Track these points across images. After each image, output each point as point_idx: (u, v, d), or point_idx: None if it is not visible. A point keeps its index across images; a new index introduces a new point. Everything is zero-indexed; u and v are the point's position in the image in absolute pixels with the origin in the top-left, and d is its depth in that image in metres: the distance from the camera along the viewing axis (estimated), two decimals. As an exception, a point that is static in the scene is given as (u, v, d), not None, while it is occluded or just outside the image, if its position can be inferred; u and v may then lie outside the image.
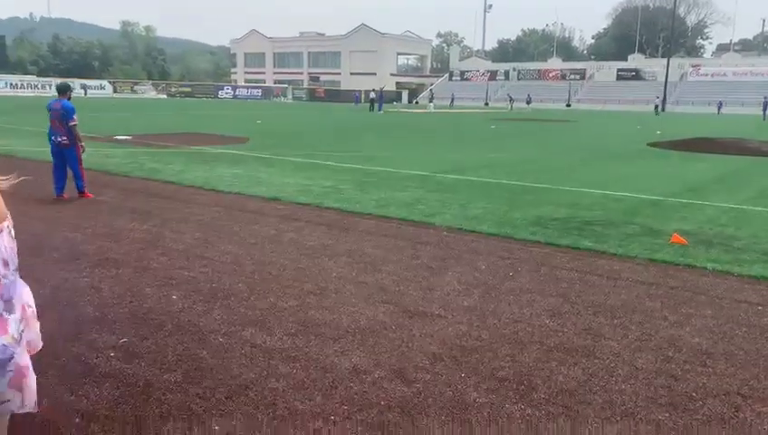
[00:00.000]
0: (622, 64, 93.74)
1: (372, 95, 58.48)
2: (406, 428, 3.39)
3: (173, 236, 7.49)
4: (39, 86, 68.10)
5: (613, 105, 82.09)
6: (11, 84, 65.64)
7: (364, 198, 10.27)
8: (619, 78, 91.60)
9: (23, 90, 65.51)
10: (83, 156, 10.06)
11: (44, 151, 15.32)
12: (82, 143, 9.94)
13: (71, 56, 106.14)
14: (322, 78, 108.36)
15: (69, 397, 3.58)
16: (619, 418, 3.58)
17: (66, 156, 9.78)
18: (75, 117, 9.68)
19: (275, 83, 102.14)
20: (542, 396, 3.80)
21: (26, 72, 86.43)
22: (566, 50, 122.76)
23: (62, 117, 9.60)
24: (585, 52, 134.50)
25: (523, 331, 4.82)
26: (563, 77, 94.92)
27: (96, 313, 4.95)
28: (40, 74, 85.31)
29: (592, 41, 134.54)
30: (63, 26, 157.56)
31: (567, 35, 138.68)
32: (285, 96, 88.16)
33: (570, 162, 17.31)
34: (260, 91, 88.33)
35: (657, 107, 59.16)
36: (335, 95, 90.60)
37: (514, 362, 4.25)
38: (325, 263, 6.51)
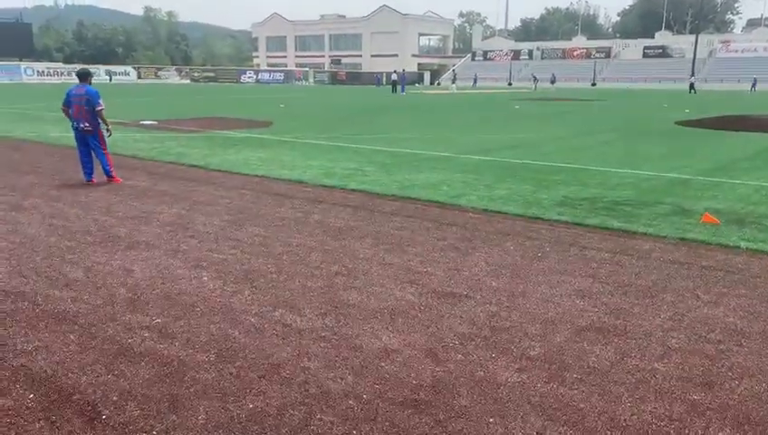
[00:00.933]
0: (649, 42, 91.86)
1: (394, 77, 58.17)
2: (438, 407, 3.40)
3: (202, 219, 7.57)
4: (65, 73, 68.82)
5: (640, 83, 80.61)
6: (38, 72, 66.47)
7: (388, 180, 10.25)
8: (645, 56, 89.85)
9: (49, 77, 66.31)
10: (109, 140, 10.14)
11: (71, 137, 15.57)
12: (109, 127, 10.01)
13: (95, 43, 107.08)
14: (344, 60, 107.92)
15: (106, 376, 3.65)
16: (653, 397, 3.55)
17: (90, 142, 9.83)
18: (101, 101, 9.67)
19: (297, 67, 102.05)
20: (575, 376, 3.78)
21: (52, 60, 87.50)
22: (591, 28, 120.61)
23: (87, 102, 9.58)
24: (610, 29, 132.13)
25: (553, 311, 4.79)
26: (588, 56, 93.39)
27: (129, 294, 5.03)
28: (65, 61, 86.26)
29: (618, 18, 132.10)
30: (88, 13, 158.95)
31: (591, 13, 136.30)
32: (307, 79, 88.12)
33: (596, 141, 17.08)
34: (282, 74, 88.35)
35: (692, 85, 57.83)
36: (357, 78, 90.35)
37: (545, 342, 4.23)
38: (352, 244, 6.53)
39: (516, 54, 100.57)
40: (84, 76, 9.90)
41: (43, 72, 67.13)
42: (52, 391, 3.46)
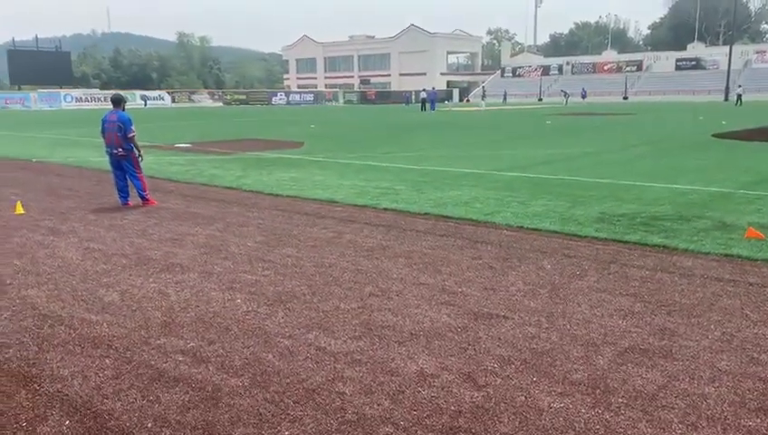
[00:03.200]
0: (681, 54, 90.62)
1: (423, 95, 58.30)
2: (478, 434, 3.28)
3: (235, 241, 7.58)
4: (102, 99, 70.53)
5: (672, 96, 79.42)
6: (76, 98, 68.28)
7: (420, 198, 10.17)
8: (678, 68, 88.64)
9: (87, 103, 68.07)
10: (143, 163, 10.28)
11: (105, 161, 15.86)
12: (141, 153, 10.12)
13: (131, 69, 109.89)
14: (373, 80, 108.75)
15: (141, 401, 3.62)
16: (704, 423, 3.38)
17: (124, 166, 9.97)
18: (133, 127, 9.79)
19: (327, 88, 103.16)
20: (620, 400, 3.63)
21: (90, 86, 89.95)
22: (621, 41, 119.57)
23: (119, 129, 9.70)
24: (641, 42, 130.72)
25: (595, 332, 4.64)
26: (619, 69, 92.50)
27: (164, 317, 5.02)
28: (102, 87, 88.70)
29: (648, 31, 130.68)
30: (124, 40, 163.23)
31: (621, 27, 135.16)
32: (337, 100, 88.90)
33: (631, 156, 16.77)
34: (312, 95, 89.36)
35: (739, 97, 56.66)
36: (386, 96, 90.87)
37: (588, 365, 4.08)
38: (385, 264, 6.45)
39: (546, 70, 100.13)
40: (117, 102, 10.06)
41: (81, 98, 68.95)
42: (88, 418, 3.44)
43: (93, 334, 4.64)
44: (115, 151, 9.86)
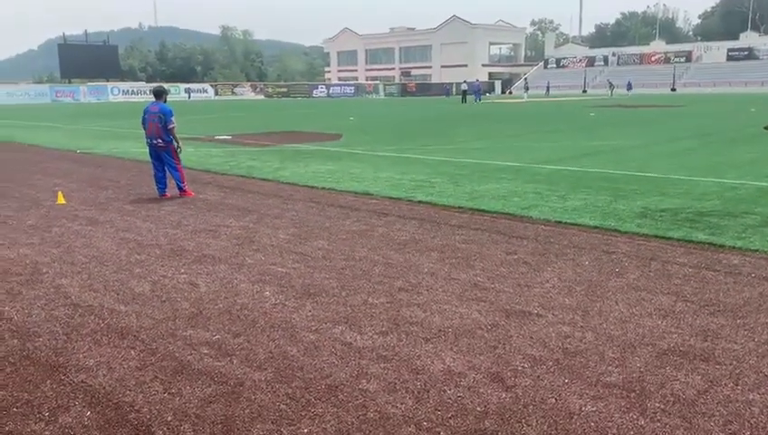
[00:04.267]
0: (733, 44, 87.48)
1: (464, 87, 57.77)
2: (504, 437, 3.15)
3: (268, 232, 7.57)
4: (147, 92, 71.88)
5: (723, 88, 76.80)
6: (123, 91, 69.87)
7: (457, 191, 10.00)
8: (729, 58, 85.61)
9: (133, 96, 69.57)
10: (182, 155, 10.39)
11: (147, 153, 16.11)
12: (180, 144, 10.19)
13: (175, 62, 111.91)
14: (414, 72, 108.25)
15: (163, 394, 3.59)
16: (748, 432, 3.17)
17: (163, 157, 10.07)
18: (173, 119, 9.90)
19: (367, 80, 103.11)
20: (657, 405, 3.44)
21: (136, 79, 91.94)
22: (669, 32, 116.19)
23: (160, 120, 9.82)
24: (690, 33, 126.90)
25: (632, 332, 4.43)
26: (667, 60, 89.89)
27: (192, 309, 5.01)
28: (148, 80, 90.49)
29: (699, 21, 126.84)
30: (169, 34, 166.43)
31: (670, 16, 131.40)
32: (377, 92, 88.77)
33: (677, 149, 16.22)
34: (352, 88, 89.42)
35: None
36: (426, 89, 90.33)
37: (624, 367, 3.89)
38: (416, 258, 6.33)
39: (591, 61, 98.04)
40: (159, 94, 10.20)
41: (127, 91, 70.54)
42: (109, 409, 3.43)
43: (121, 325, 4.66)
44: (155, 142, 9.96)
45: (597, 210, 8.44)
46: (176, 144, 10.08)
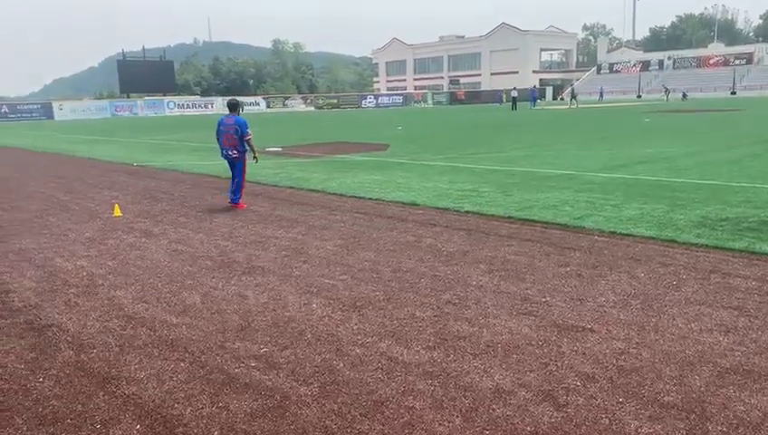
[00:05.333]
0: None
1: (514, 94, 57.20)
2: (555, 459, 3.03)
3: (316, 244, 7.60)
4: (202, 105, 73.96)
5: (788, 90, 73.76)
6: (178, 105, 71.83)
7: (506, 201, 9.84)
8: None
9: (188, 109, 71.47)
10: (254, 165, 10.78)
11: (204, 165, 16.47)
12: (256, 154, 10.59)
13: (229, 76, 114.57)
14: (463, 80, 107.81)
15: (210, 408, 3.61)
16: (820, 461, 2.96)
17: (236, 167, 10.45)
18: (249, 131, 10.34)
19: (416, 89, 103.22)
20: (719, 428, 3.26)
21: (191, 93, 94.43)
22: (729, 33, 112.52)
23: (236, 132, 10.24)
24: (751, 34, 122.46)
25: (691, 349, 4.23)
26: (726, 63, 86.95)
27: (241, 321, 5.05)
28: (203, 94, 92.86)
29: (760, 21, 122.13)
30: (223, 49, 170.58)
31: (729, 17, 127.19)
32: (425, 101, 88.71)
33: (738, 155, 15.59)
34: (401, 97, 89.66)
35: None
36: (476, 96, 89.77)
37: (682, 386, 3.71)
38: (464, 270, 6.23)
39: (645, 65, 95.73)
40: (234, 107, 10.60)
41: (183, 105, 72.49)
42: (158, 423, 3.46)
43: (172, 337, 4.72)
44: (231, 153, 10.38)
45: (653, 220, 8.16)
46: (253, 154, 10.45)
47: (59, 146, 26.03)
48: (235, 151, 10.34)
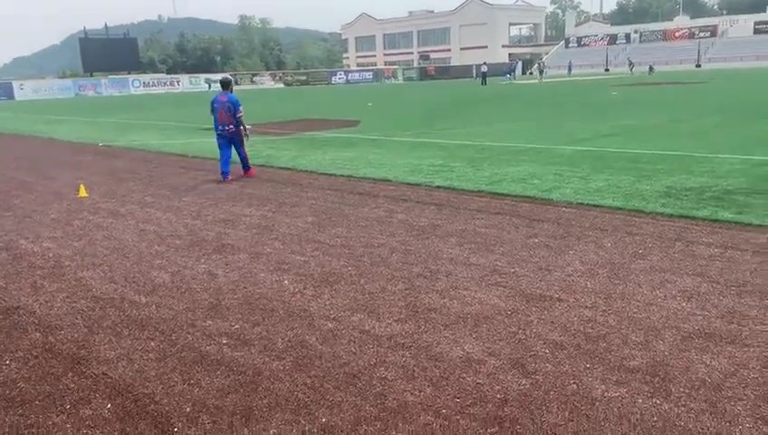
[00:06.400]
0: (761, 16, 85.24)
1: (484, 69, 57.24)
2: (525, 424, 3.10)
3: (287, 221, 7.56)
4: (168, 83, 72.54)
5: (751, 62, 74.95)
6: (144, 83, 70.29)
7: (476, 175, 9.90)
8: (756, 32, 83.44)
9: (154, 87, 70.00)
10: (246, 141, 11.14)
11: (170, 144, 16.21)
12: (248, 131, 11.08)
13: (195, 53, 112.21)
14: (433, 55, 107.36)
15: (182, 385, 3.60)
16: (777, 417, 3.08)
17: (234, 141, 10.84)
18: (241, 108, 10.72)
19: (386, 65, 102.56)
20: (682, 390, 3.36)
21: (156, 71, 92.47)
22: (694, 6, 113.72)
23: (228, 109, 10.61)
24: (716, 7, 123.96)
25: (655, 315, 4.34)
26: (692, 36, 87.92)
27: (211, 299, 5.02)
28: (169, 72, 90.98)
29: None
30: (188, 25, 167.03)
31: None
32: (396, 77, 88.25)
33: (702, 126, 15.88)
34: (371, 73, 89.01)
35: None
36: (446, 72, 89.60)
37: (647, 351, 3.81)
38: (435, 244, 6.28)
39: (613, 39, 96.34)
40: (226, 84, 10.99)
41: (148, 83, 70.96)
42: (129, 401, 3.45)
43: (142, 316, 4.68)
44: (227, 128, 10.73)
45: (620, 191, 8.29)
46: (243, 130, 10.87)
47: (21, 126, 25.35)
48: (231, 126, 10.73)
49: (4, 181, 11.58)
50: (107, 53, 74.07)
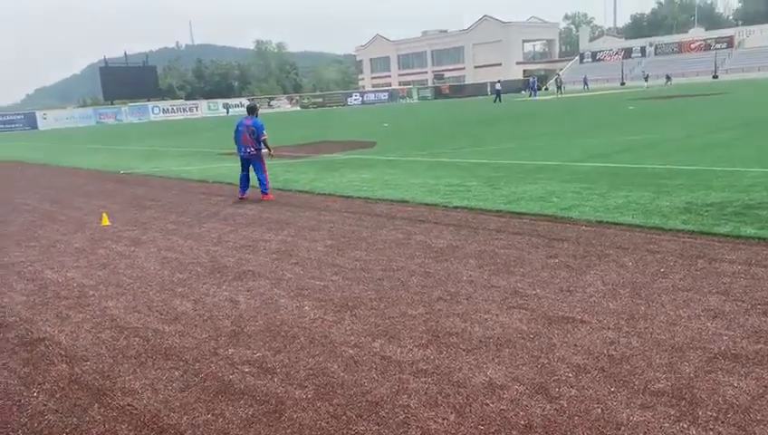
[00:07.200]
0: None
1: (498, 87, 57.32)
2: (549, 451, 3.08)
3: (306, 245, 7.61)
4: (187, 109, 73.71)
5: (768, 72, 74.30)
6: (163, 109, 71.48)
7: (494, 194, 9.89)
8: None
9: (173, 114, 71.09)
10: (268, 161, 11.87)
11: (190, 171, 16.41)
12: (272, 152, 11.81)
13: (213, 78, 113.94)
14: (447, 74, 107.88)
15: (206, 415, 3.62)
16: (808, 441, 3.02)
17: (253, 164, 11.45)
18: (265, 132, 11.42)
19: (400, 85, 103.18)
20: (709, 413, 3.31)
21: (175, 97, 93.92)
22: (709, 18, 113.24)
23: (253, 133, 11.30)
24: (731, 17, 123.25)
25: (680, 335, 4.29)
26: (708, 47, 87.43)
27: (233, 326, 5.06)
28: (187, 98, 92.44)
29: (739, 5, 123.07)
30: (206, 51, 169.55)
31: (709, 1, 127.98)
32: (411, 96, 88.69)
33: (721, 139, 15.74)
34: (386, 94, 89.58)
35: None
36: (460, 90, 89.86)
37: (672, 373, 3.77)
38: (454, 266, 6.27)
39: (628, 53, 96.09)
40: (252, 110, 11.77)
41: (167, 109, 72.12)
42: (154, 433, 3.47)
43: (165, 346, 4.73)
44: (249, 151, 11.38)
45: (639, 208, 8.24)
46: (268, 151, 11.58)
47: (44, 156, 25.85)
48: (253, 149, 11.38)
49: (29, 212, 11.80)
50: (127, 80, 75.53)
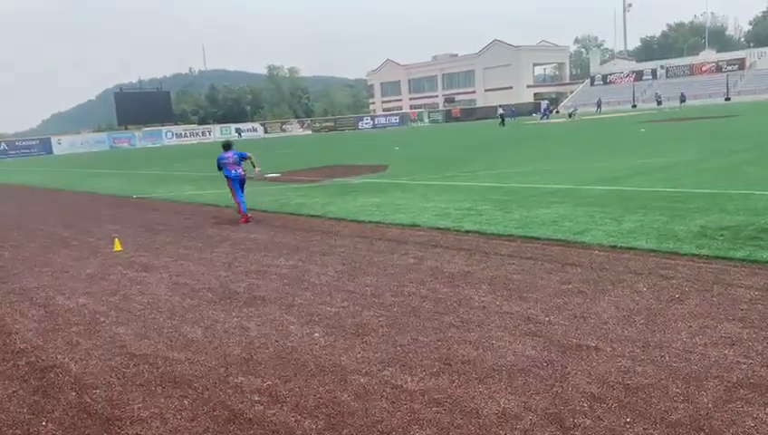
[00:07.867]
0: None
1: (501, 111, 57.32)
2: (565, 485, 3.00)
3: (316, 270, 7.59)
4: (200, 133, 74.48)
5: (782, 94, 73.96)
6: (176, 134, 72.28)
7: (505, 218, 9.84)
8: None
9: (186, 138, 71.86)
10: (254, 192, 11.98)
11: (203, 195, 16.50)
12: (257, 166, 12.44)
13: (225, 103, 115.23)
14: (458, 98, 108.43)
15: (215, 446, 3.58)
16: (833, 475, 2.93)
17: (243, 183, 12.09)
18: (248, 153, 12.28)
19: (411, 108, 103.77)
20: (729, 446, 3.22)
21: (188, 122, 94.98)
22: (719, 40, 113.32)
23: (236, 161, 12.05)
24: (742, 39, 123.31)
25: (696, 364, 4.20)
26: (719, 69, 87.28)
27: (243, 354, 5.03)
28: (200, 122, 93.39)
29: (750, 27, 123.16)
30: (218, 77, 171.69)
31: (719, 24, 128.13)
32: (422, 120, 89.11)
33: (735, 162, 15.62)
34: (397, 118, 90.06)
35: None
36: (471, 113, 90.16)
37: (689, 403, 3.68)
38: (466, 292, 6.22)
39: (638, 75, 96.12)
40: (228, 146, 12.41)
41: (180, 134, 72.92)
42: (162, 463, 3.43)
43: (175, 373, 4.70)
44: (240, 173, 12.08)
45: (653, 232, 8.15)
46: (256, 166, 12.31)
47: (58, 181, 26.12)
48: (243, 170, 12.13)
49: (43, 237, 11.88)
50: (140, 106, 76.55)
